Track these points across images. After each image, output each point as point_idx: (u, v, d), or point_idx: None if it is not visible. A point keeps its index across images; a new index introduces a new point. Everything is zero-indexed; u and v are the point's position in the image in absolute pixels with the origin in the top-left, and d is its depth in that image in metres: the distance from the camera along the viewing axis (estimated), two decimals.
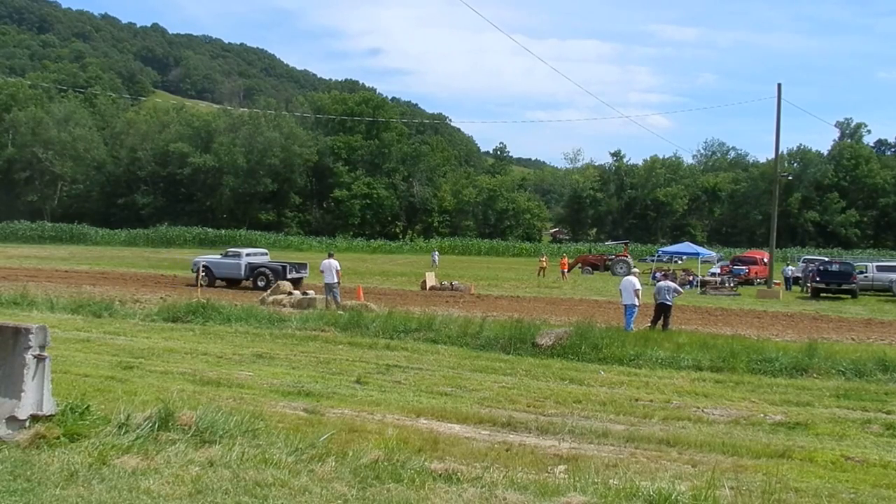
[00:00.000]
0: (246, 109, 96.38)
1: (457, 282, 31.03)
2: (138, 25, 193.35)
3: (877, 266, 35.09)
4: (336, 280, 20.73)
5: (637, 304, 17.02)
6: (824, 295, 31.02)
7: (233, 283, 28.51)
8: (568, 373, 11.94)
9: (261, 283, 27.39)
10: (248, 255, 29.01)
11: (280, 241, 75.31)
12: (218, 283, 28.43)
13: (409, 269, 42.88)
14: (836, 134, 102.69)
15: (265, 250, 33.12)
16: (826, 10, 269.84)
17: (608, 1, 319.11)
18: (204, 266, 28.05)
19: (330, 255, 21.74)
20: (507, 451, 7.16)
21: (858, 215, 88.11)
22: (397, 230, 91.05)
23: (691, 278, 35.00)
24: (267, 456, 5.12)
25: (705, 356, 12.99)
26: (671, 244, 59.46)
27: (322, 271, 21.06)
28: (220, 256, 29.96)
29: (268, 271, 27.85)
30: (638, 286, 17.19)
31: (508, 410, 9.17)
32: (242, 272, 28.07)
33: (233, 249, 30.69)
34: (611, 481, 5.12)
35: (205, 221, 79.00)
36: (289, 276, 26.97)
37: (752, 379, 11.80)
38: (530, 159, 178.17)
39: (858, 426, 8.90)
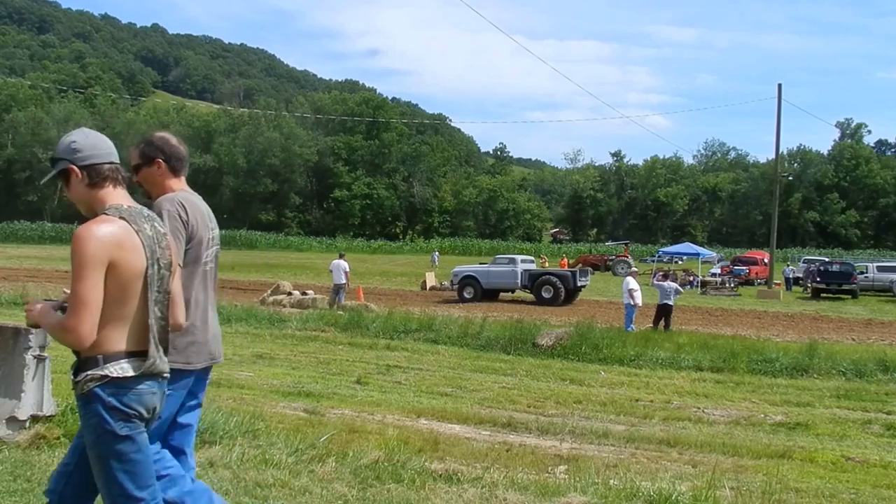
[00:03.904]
0: (246, 110, 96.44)
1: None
2: (138, 26, 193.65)
3: (877, 266, 35.10)
4: (345, 281, 20.85)
5: (630, 303, 16.99)
6: (825, 295, 31.01)
7: (490, 294, 25.77)
8: (568, 373, 11.93)
9: (546, 294, 24.49)
10: (522, 261, 26.47)
11: (280, 242, 75.30)
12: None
13: (409, 269, 42.89)
14: (836, 134, 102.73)
15: (531, 257, 30.51)
16: (825, 11, 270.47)
17: (607, 2, 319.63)
18: (468, 276, 25.97)
19: (340, 256, 21.82)
20: (507, 451, 7.15)
21: (859, 216, 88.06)
22: (397, 230, 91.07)
23: (692, 279, 35.00)
24: (267, 456, 5.11)
25: (706, 356, 12.99)
26: (671, 244, 59.41)
27: (331, 271, 21.17)
28: (485, 265, 27.50)
29: (555, 280, 24.93)
30: (631, 286, 17.18)
31: (509, 411, 9.16)
32: (519, 281, 25.31)
33: (502, 256, 28.54)
34: (611, 482, 5.11)
35: None
36: (579, 284, 24.70)
37: (753, 379, 11.80)
38: (530, 159, 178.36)
39: (859, 427, 8.89)
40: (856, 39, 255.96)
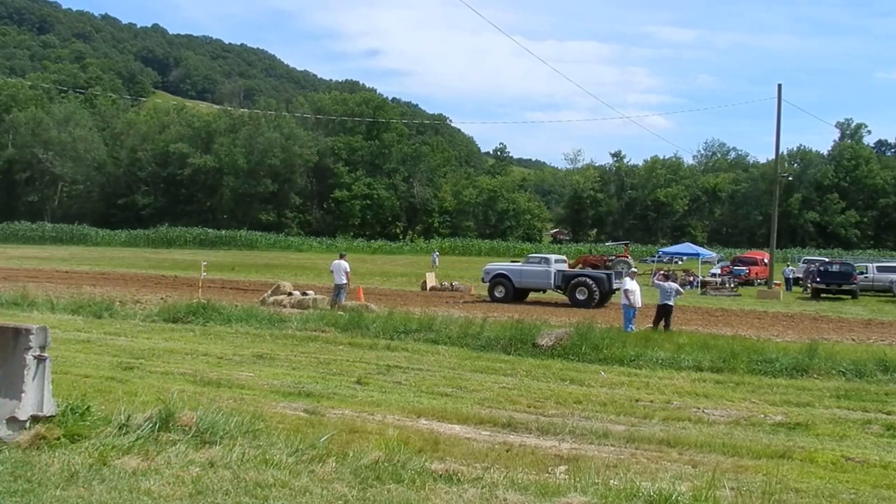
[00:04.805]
0: (246, 110, 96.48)
1: (457, 282, 31.03)
2: (138, 26, 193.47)
3: (877, 266, 35.12)
4: (345, 281, 20.83)
5: (627, 304, 16.96)
6: (825, 295, 31.02)
7: (520, 293, 25.45)
8: (568, 373, 11.93)
9: (580, 296, 23.86)
10: (556, 261, 25.80)
11: (280, 242, 75.30)
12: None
13: (409, 269, 42.87)
14: (836, 134, 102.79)
15: (563, 257, 29.84)
16: (824, 12, 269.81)
17: (606, 2, 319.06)
18: (499, 274, 25.41)
19: (341, 256, 21.81)
20: (507, 451, 7.16)
21: (858, 216, 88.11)
22: (398, 231, 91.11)
23: (692, 279, 35.00)
24: (267, 457, 5.12)
25: (706, 357, 12.97)
26: (672, 245, 59.44)
27: (332, 271, 21.15)
28: (516, 263, 27.01)
29: (590, 281, 24.30)
30: (627, 287, 17.17)
31: (509, 411, 9.17)
32: (552, 281, 24.62)
33: (535, 255, 27.93)
34: (611, 482, 5.12)
35: (205, 222, 79.05)
36: (614, 287, 23.72)
37: (753, 379, 11.79)
38: (530, 160, 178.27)
39: (859, 427, 8.89)
40: (856, 40, 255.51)
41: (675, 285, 17.87)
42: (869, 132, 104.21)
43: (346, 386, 10.45)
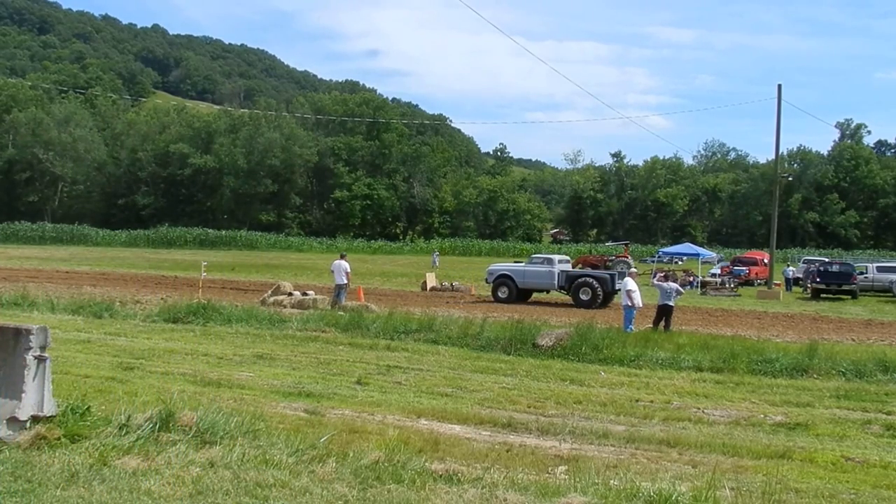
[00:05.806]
0: (246, 110, 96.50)
1: (457, 282, 31.05)
2: (139, 26, 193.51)
3: (877, 267, 35.16)
4: (346, 281, 20.84)
5: (628, 304, 16.95)
6: (824, 296, 31.03)
7: (524, 294, 25.58)
8: (568, 373, 11.93)
9: (584, 297, 23.94)
10: (560, 261, 25.92)
11: (280, 242, 75.31)
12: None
13: (409, 269, 42.88)
14: (836, 135, 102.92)
15: (567, 257, 29.93)
16: (823, 12, 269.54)
17: (606, 3, 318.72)
18: (503, 275, 25.45)
19: (342, 256, 21.83)
20: (507, 451, 7.17)
21: (858, 216, 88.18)
22: (398, 231, 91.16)
23: (692, 279, 35.00)
24: (268, 457, 5.12)
25: (706, 357, 12.98)
26: (672, 245, 59.44)
27: (332, 271, 21.17)
28: (519, 264, 27.05)
29: (593, 281, 24.32)
30: (629, 287, 17.16)
31: (509, 411, 9.17)
32: (556, 281, 24.70)
33: (539, 256, 27.95)
34: (611, 482, 5.12)
35: (205, 222, 79.06)
36: (617, 287, 23.38)
37: (753, 380, 11.79)
38: (530, 160, 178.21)
39: (859, 427, 8.90)
40: (855, 40, 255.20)
41: (675, 285, 17.86)
42: (869, 132, 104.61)
43: (346, 386, 10.45)
